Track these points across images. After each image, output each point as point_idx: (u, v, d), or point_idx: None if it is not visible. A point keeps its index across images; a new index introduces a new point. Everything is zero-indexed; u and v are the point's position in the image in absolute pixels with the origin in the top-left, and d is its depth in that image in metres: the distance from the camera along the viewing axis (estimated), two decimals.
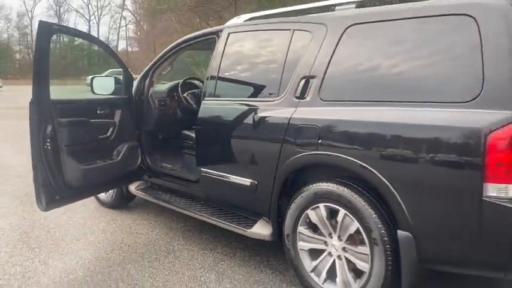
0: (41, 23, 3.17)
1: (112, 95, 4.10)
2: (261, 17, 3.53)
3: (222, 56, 3.48)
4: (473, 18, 2.23)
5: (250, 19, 3.56)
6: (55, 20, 67.11)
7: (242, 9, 17.41)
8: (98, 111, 3.84)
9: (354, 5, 2.88)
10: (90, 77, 4.32)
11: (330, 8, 3.03)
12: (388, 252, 2.41)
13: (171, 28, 28.45)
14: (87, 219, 4.42)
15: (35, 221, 4.36)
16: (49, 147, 3.28)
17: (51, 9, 67.75)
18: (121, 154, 3.91)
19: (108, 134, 3.86)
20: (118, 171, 3.92)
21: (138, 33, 55.90)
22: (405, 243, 2.35)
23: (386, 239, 2.41)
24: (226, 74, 3.48)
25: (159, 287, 3.05)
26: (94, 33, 67.31)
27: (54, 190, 3.35)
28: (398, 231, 2.37)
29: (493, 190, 2.08)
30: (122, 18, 61.96)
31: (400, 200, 2.34)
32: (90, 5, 67.64)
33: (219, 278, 3.18)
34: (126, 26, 63.03)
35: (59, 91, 4.15)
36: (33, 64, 3.19)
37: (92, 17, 68.29)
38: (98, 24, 68.32)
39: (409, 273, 2.38)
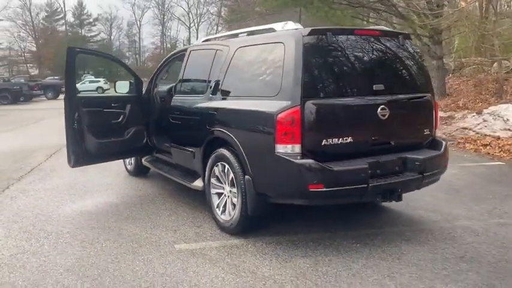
0: (69, 48, 5.03)
1: (126, 94, 5.90)
2: (211, 39, 5.09)
3: (185, 66, 5.11)
4: (283, 44, 3.60)
5: (205, 40, 5.15)
6: (159, 28, 73.79)
7: (305, 20, 18.83)
8: (113, 104, 5.66)
9: (246, 34, 4.34)
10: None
11: (237, 35, 4.51)
12: (243, 191, 3.85)
13: None
14: (113, 181, 6.33)
15: (79, 179, 6.36)
16: (76, 127, 5.14)
17: (156, 18, 74.25)
18: (129, 134, 5.70)
19: (120, 120, 5.67)
20: (126, 146, 5.72)
21: None
22: (248, 184, 3.78)
23: (242, 181, 3.85)
24: (186, 77, 5.10)
25: (131, 215, 4.79)
26: (193, 39, 72.80)
27: (78, 155, 5.20)
28: (246, 176, 3.81)
29: (280, 148, 3.45)
30: (217, 25, 65.93)
31: (245, 156, 3.78)
32: (190, 13, 72.99)
33: (171, 213, 4.83)
34: (219, 31, 66.91)
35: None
36: (65, 74, 5.06)
37: (192, 24, 73.35)
38: (197, 30, 73.25)
39: (251, 203, 3.80)
